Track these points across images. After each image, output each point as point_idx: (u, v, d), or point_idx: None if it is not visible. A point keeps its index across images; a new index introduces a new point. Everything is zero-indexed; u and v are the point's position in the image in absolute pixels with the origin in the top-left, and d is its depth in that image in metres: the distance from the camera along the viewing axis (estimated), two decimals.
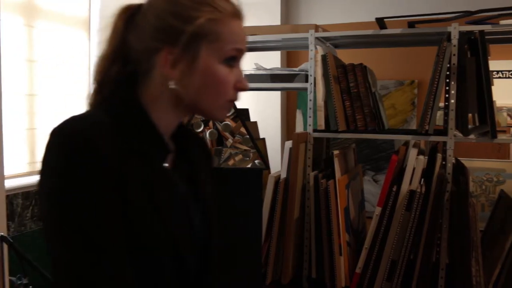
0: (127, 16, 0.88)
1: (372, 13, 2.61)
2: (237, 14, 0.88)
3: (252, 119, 2.95)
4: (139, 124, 0.86)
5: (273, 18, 4.28)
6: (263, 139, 2.76)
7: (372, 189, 3.79)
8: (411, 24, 2.33)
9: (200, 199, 0.99)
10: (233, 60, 0.88)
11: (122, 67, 0.89)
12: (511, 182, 3.30)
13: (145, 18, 0.86)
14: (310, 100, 2.26)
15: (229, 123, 2.39)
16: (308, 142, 2.24)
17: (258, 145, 2.57)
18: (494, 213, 2.40)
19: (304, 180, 2.22)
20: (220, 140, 2.42)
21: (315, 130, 2.25)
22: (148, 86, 0.88)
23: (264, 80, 2.52)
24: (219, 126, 2.40)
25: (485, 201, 3.31)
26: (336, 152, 2.17)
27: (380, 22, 2.33)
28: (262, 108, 4.00)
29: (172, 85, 0.85)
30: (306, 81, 2.33)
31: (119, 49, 0.88)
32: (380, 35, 2.30)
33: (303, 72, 2.41)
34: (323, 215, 2.13)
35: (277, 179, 2.15)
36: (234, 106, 2.23)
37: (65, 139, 0.76)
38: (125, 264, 0.78)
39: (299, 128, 4.03)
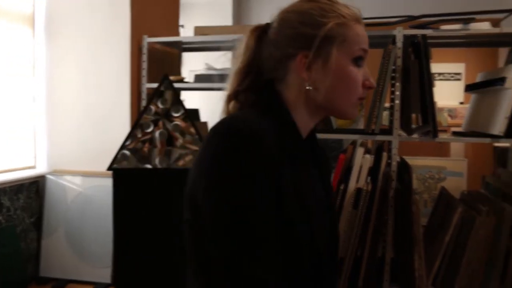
0: (258, 34, 0.98)
1: None
2: (358, 19, 0.95)
3: (203, 119, 2.95)
4: (288, 127, 0.93)
5: (225, 18, 4.29)
6: None
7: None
8: None
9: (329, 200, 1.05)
10: (360, 59, 0.95)
11: (255, 77, 0.97)
12: (452, 179, 3.45)
13: (278, 31, 0.95)
14: None
15: (178, 123, 2.37)
16: None
17: None
18: (435, 209, 2.51)
19: None
20: (170, 140, 2.40)
21: None
22: (286, 91, 0.95)
23: (215, 80, 2.52)
24: (169, 127, 2.38)
25: (428, 197, 3.44)
26: None
27: None
28: (214, 108, 3.98)
29: (308, 86, 0.92)
30: None
31: (252, 62, 0.97)
32: None
33: None
34: None
35: None
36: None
37: (243, 140, 0.80)
38: (279, 261, 0.82)
39: None
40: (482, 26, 2.22)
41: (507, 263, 2.06)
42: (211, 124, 3.07)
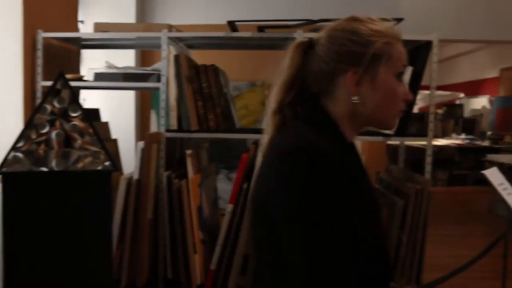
0: (303, 49, 1.04)
1: (225, 16, 2.68)
2: (399, 38, 1.03)
3: (104, 119, 2.84)
4: (339, 140, 1.00)
5: (128, 16, 4.16)
6: (115, 140, 2.67)
7: (226, 187, 3.89)
8: (260, 29, 2.45)
9: None
10: (401, 75, 1.02)
11: (299, 91, 1.02)
12: None
13: (327, 48, 1.00)
14: (163, 100, 2.25)
15: (77, 123, 2.26)
16: (160, 142, 2.22)
17: (110, 146, 2.48)
18: None
19: (157, 181, 2.20)
20: (68, 141, 2.28)
21: (167, 130, 2.25)
22: (332, 104, 1.01)
23: (117, 79, 2.44)
24: (66, 127, 2.26)
25: None
26: (188, 152, 2.19)
27: (232, 25, 2.41)
28: (115, 108, 3.87)
29: (356, 100, 0.99)
30: (159, 81, 2.32)
31: (297, 76, 1.03)
32: (232, 38, 2.38)
33: (156, 72, 2.38)
34: (177, 214, 2.14)
35: (130, 180, 2.10)
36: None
37: (314, 158, 0.86)
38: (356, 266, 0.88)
39: (154, 129, 3.98)
40: None
41: (398, 253, 2.21)
42: (112, 124, 2.95)
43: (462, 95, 10.71)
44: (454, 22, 4.99)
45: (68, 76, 2.31)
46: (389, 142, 3.07)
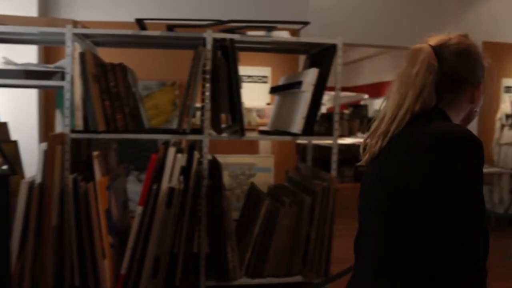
0: (432, 66, 1.18)
1: (134, 14, 2.61)
2: None
3: (4, 119, 2.65)
4: None
5: (29, 10, 3.92)
6: (15, 142, 2.50)
7: (137, 188, 3.79)
8: (170, 28, 2.42)
9: None
10: None
11: (428, 94, 1.18)
12: (261, 174, 3.72)
13: (457, 62, 1.20)
14: (67, 99, 2.15)
15: None
16: (65, 143, 2.12)
17: (9, 148, 2.33)
18: (246, 203, 2.68)
19: (62, 184, 2.10)
20: None
21: (73, 131, 2.15)
22: (448, 107, 1.21)
23: (17, 76, 2.29)
24: None
25: (240, 192, 3.65)
26: (95, 153, 2.11)
27: (140, 23, 2.36)
28: (16, 107, 3.64)
29: (476, 108, 1.26)
30: (63, 79, 2.21)
31: (431, 80, 1.18)
32: (140, 36, 2.32)
33: (60, 70, 2.27)
34: (84, 219, 2.05)
35: (31, 184, 1.98)
36: None
37: (475, 145, 1.06)
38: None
39: (59, 129, 3.78)
40: (282, 35, 2.43)
41: (307, 248, 2.30)
42: (13, 124, 2.76)
43: (366, 96, 11.30)
44: (357, 27, 5.26)
45: None
46: (299, 141, 3.17)
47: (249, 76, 4.37)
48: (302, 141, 2.84)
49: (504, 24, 5.76)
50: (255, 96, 4.25)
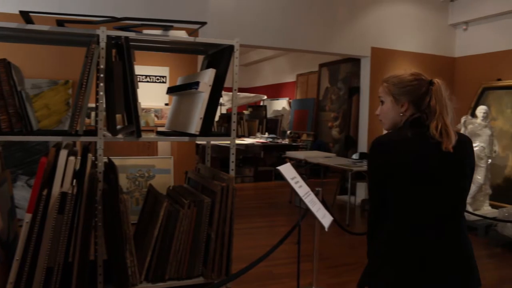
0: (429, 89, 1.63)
1: (18, 5, 2.43)
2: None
3: None
4: None
5: None
6: None
7: (26, 195, 3.55)
8: (60, 23, 2.29)
9: None
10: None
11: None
12: (160, 176, 3.65)
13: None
14: None
15: None
16: None
17: None
18: (145, 206, 2.61)
19: None
20: None
21: None
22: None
23: None
24: None
25: (139, 195, 3.56)
26: None
27: (26, 16, 2.19)
28: None
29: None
30: None
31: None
32: (26, 30, 2.16)
33: None
34: None
35: None
36: None
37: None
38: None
39: None
40: (179, 34, 2.41)
41: (208, 249, 2.29)
42: None
43: (265, 97, 11.58)
44: (256, 30, 5.38)
45: None
46: (199, 142, 3.16)
47: (146, 76, 4.27)
48: (200, 141, 2.83)
49: (389, 32, 6.22)
50: (153, 96, 4.17)
